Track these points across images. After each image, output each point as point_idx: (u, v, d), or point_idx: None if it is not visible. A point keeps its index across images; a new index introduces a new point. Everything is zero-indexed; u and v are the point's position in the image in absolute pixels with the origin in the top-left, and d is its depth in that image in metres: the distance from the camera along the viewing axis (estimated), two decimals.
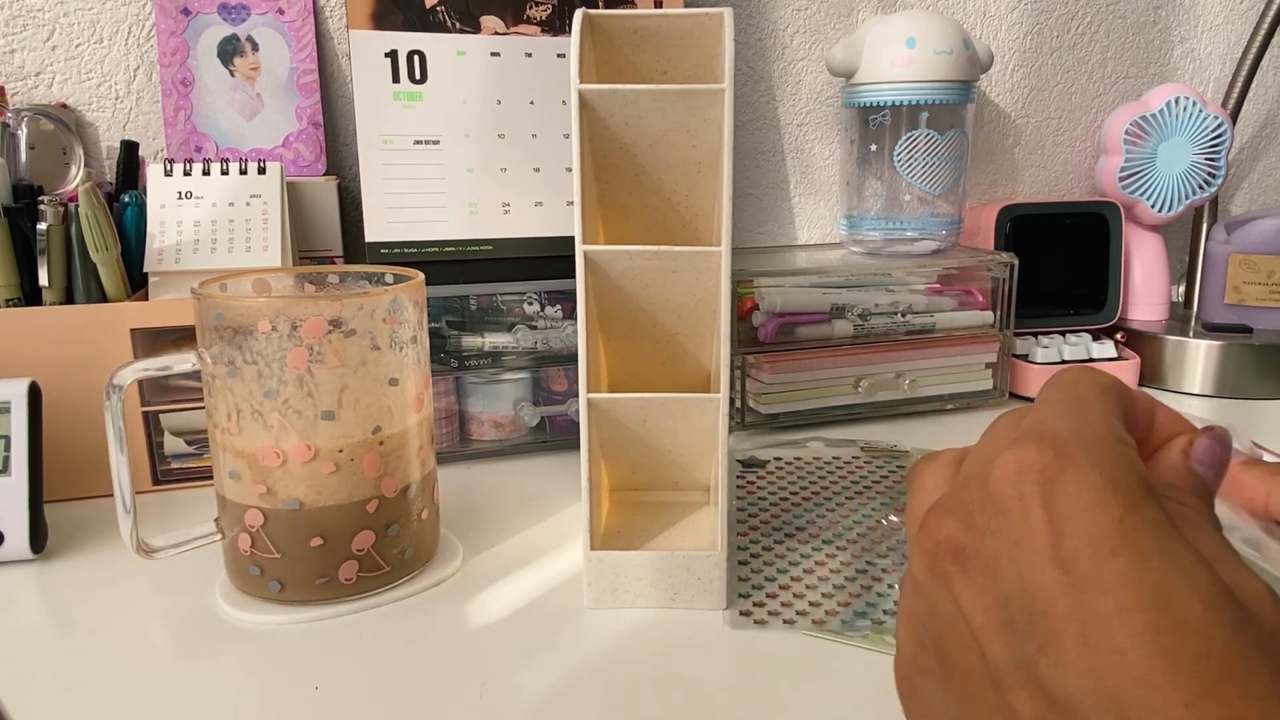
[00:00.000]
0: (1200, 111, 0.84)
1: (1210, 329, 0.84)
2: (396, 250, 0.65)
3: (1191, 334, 0.83)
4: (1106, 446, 0.22)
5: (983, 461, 0.23)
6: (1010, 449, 0.22)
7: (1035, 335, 0.83)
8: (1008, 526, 0.21)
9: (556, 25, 0.68)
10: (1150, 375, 0.84)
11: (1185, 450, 0.25)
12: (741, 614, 0.46)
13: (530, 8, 0.68)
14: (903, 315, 0.76)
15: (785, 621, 0.45)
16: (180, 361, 0.45)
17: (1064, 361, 0.80)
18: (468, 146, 0.66)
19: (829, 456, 0.67)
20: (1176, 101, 0.84)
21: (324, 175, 0.74)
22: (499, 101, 0.67)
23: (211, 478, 0.51)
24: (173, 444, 0.62)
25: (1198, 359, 0.82)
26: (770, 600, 0.47)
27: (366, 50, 0.65)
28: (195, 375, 0.46)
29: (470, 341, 0.67)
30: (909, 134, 0.79)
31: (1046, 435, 0.22)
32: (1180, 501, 0.22)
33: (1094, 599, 0.19)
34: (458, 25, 0.67)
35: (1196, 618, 0.19)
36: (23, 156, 0.65)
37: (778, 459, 0.66)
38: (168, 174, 0.63)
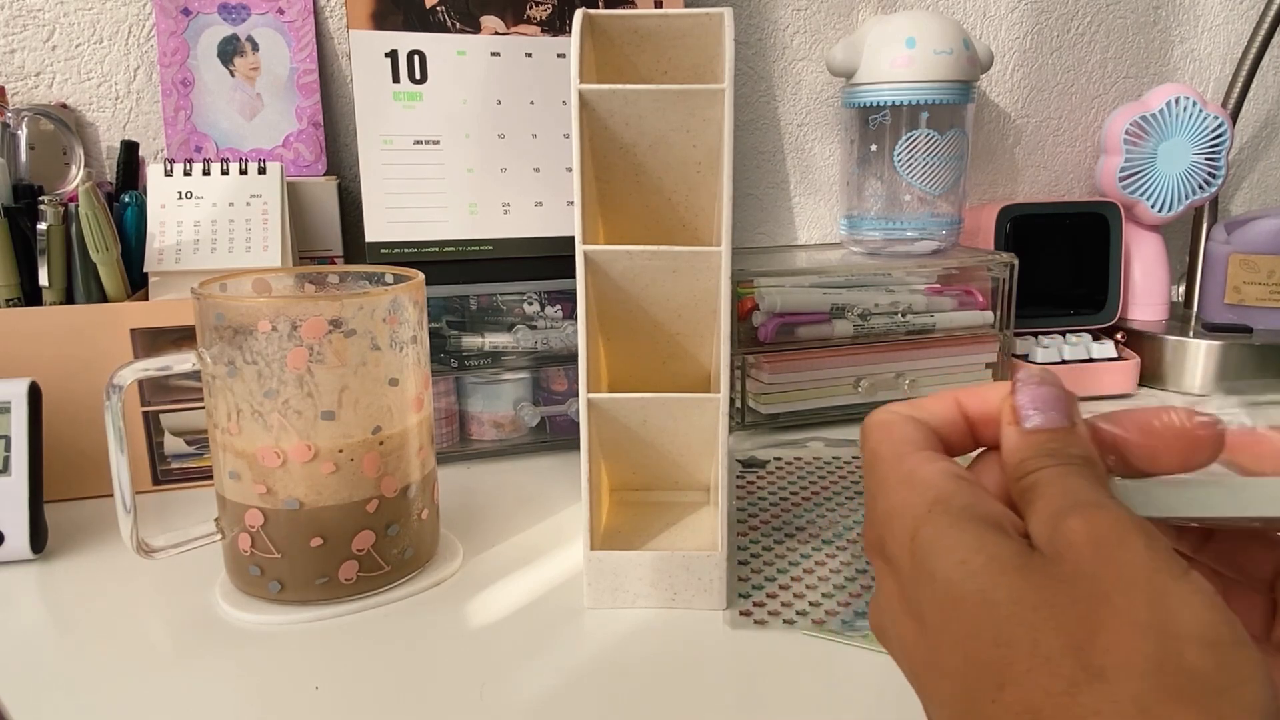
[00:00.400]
0: (1200, 111, 0.84)
1: (1210, 329, 0.84)
2: (396, 250, 0.65)
3: (1191, 334, 0.83)
4: (892, 485, 0.24)
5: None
6: (863, 531, 0.26)
7: (1035, 335, 0.83)
8: (883, 596, 0.24)
9: (556, 25, 0.68)
10: (1150, 375, 0.84)
11: (1011, 421, 0.24)
12: (741, 614, 0.46)
13: (530, 8, 0.68)
14: (903, 315, 0.76)
15: (785, 621, 0.45)
16: (180, 361, 0.45)
17: (1064, 361, 0.80)
18: (468, 146, 0.66)
19: (829, 456, 0.67)
20: (1176, 101, 0.84)
21: (324, 175, 0.74)
22: (499, 101, 0.67)
23: (211, 478, 0.51)
24: (173, 444, 0.62)
25: (1198, 359, 0.82)
26: (770, 600, 0.47)
27: (366, 50, 0.65)
28: (195, 375, 0.46)
29: (470, 341, 0.67)
30: (909, 134, 0.79)
31: (870, 515, 0.25)
32: (1031, 473, 0.23)
33: (930, 637, 0.22)
34: (458, 25, 0.67)
35: (975, 610, 0.20)
36: (23, 156, 0.65)
37: (778, 459, 0.66)
38: (168, 174, 0.63)
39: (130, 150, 0.65)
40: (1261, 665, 0.18)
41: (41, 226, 0.58)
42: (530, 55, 0.68)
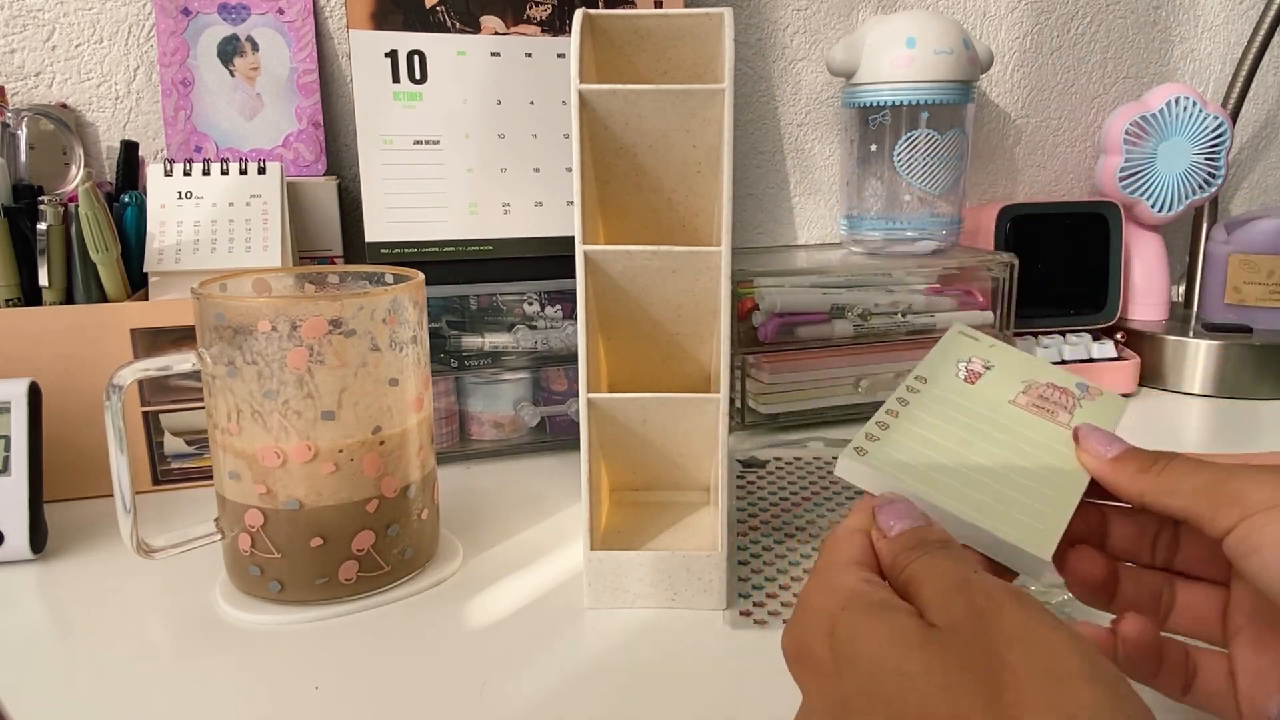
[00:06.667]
0: (1200, 111, 0.84)
1: (1210, 329, 0.84)
2: (396, 250, 0.65)
3: (1191, 334, 0.83)
4: (814, 594, 0.28)
5: None
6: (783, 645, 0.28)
7: (1035, 335, 0.83)
8: (804, 704, 0.27)
9: (556, 25, 0.68)
10: (1150, 375, 0.84)
11: (880, 536, 0.31)
12: (742, 614, 0.46)
13: (530, 8, 0.68)
14: (903, 315, 0.76)
15: (785, 621, 0.45)
16: (180, 361, 0.45)
17: (1064, 361, 0.80)
18: (468, 146, 0.66)
19: (829, 456, 0.67)
20: (1176, 101, 0.84)
21: (324, 175, 0.74)
22: (499, 101, 0.67)
23: (211, 478, 0.51)
24: (173, 444, 0.62)
25: (1198, 359, 0.82)
26: (770, 600, 0.47)
27: (366, 50, 0.65)
28: (195, 375, 0.46)
29: (470, 341, 0.67)
30: (909, 134, 0.79)
31: (790, 623, 0.28)
32: (910, 569, 0.27)
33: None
34: (458, 25, 0.67)
35: (894, 687, 0.23)
36: (23, 156, 0.65)
37: (778, 459, 0.66)
38: (168, 174, 0.63)
39: (130, 150, 0.65)
40: (1134, 691, 0.22)
41: (41, 226, 0.58)
42: (530, 55, 0.68)
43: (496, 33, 0.67)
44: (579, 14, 0.45)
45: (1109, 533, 0.35)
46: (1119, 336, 0.84)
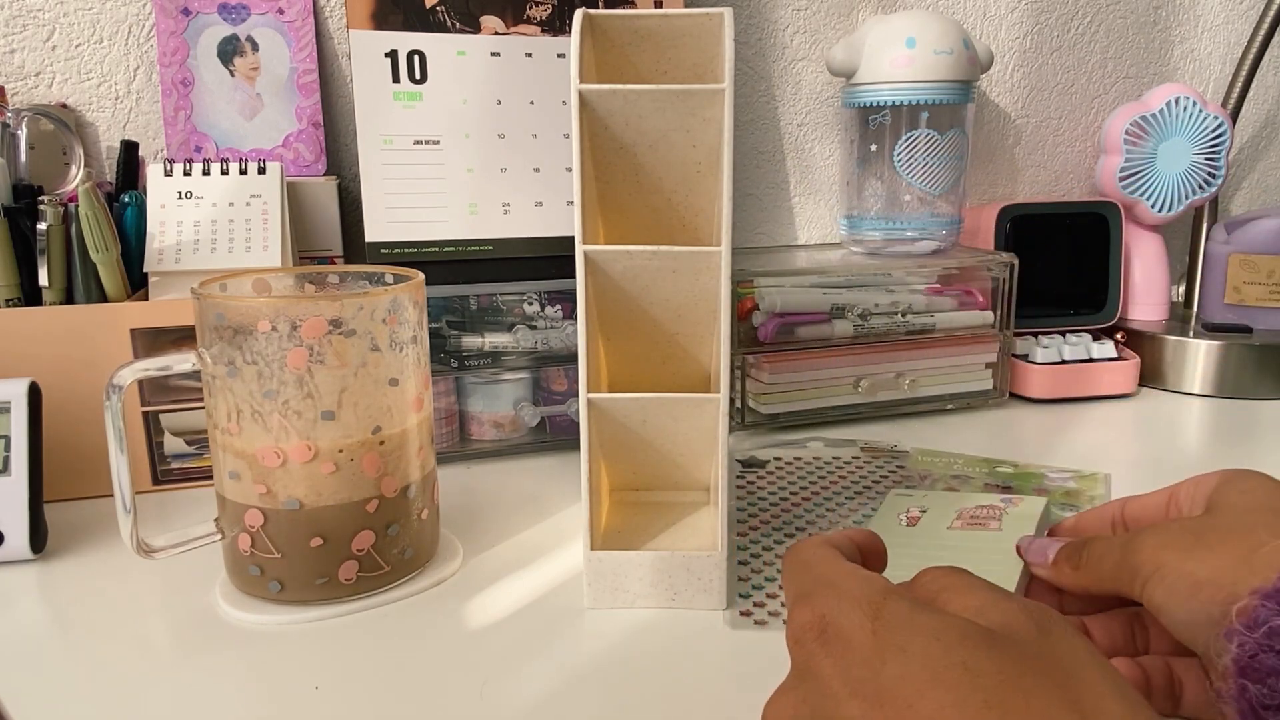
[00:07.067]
0: (1200, 111, 0.84)
1: (1210, 329, 0.84)
2: (396, 250, 0.65)
3: (1191, 334, 0.83)
4: (843, 577, 0.27)
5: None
6: (789, 622, 0.28)
7: (1035, 335, 0.83)
8: (812, 684, 0.26)
9: (556, 25, 0.69)
10: (1150, 375, 0.84)
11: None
12: (742, 614, 0.46)
13: (530, 8, 0.68)
14: (903, 315, 0.76)
15: (786, 621, 0.45)
16: (180, 361, 0.45)
17: (1064, 361, 0.80)
18: (468, 146, 0.67)
19: (829, 456, 0.67)
20: (1176, 101, 0.84)
21: (324, 175, 0.74)
22: (499, 101, 0.67)
23: (211, 478, 0.51)
24: (173, 444, 0.62)
25: (1198, 359, 0.82)
26: (770, 600, 0.47)
27: (366, 50, 0.65)
28: (195, 375, 0.46)
29: (470, 341, 0.67)
30: (909, 134, 0.79)
31: (804, 597, 0.27)
32: (940, 581, 0.27)
33: (890, 711, 0.23)
34: (458, 25, 0.67)
35: (959, 678, 0.23)
36: (23, 156, 0.65)
37: (777, 459, 0.66)
38: (168, 174, 0.63)
39: (130, 150, 0.65)
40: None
41: (41, 226, 0.58)
42: (530, 55, 0.68)
43: (496, 33, 0.67)
44: (579, 14, 0.45)
45: (1090, 632, 0.38)
46: (1119, 336, 0.84)
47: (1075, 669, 0.23)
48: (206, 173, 0.64)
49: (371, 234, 0.65)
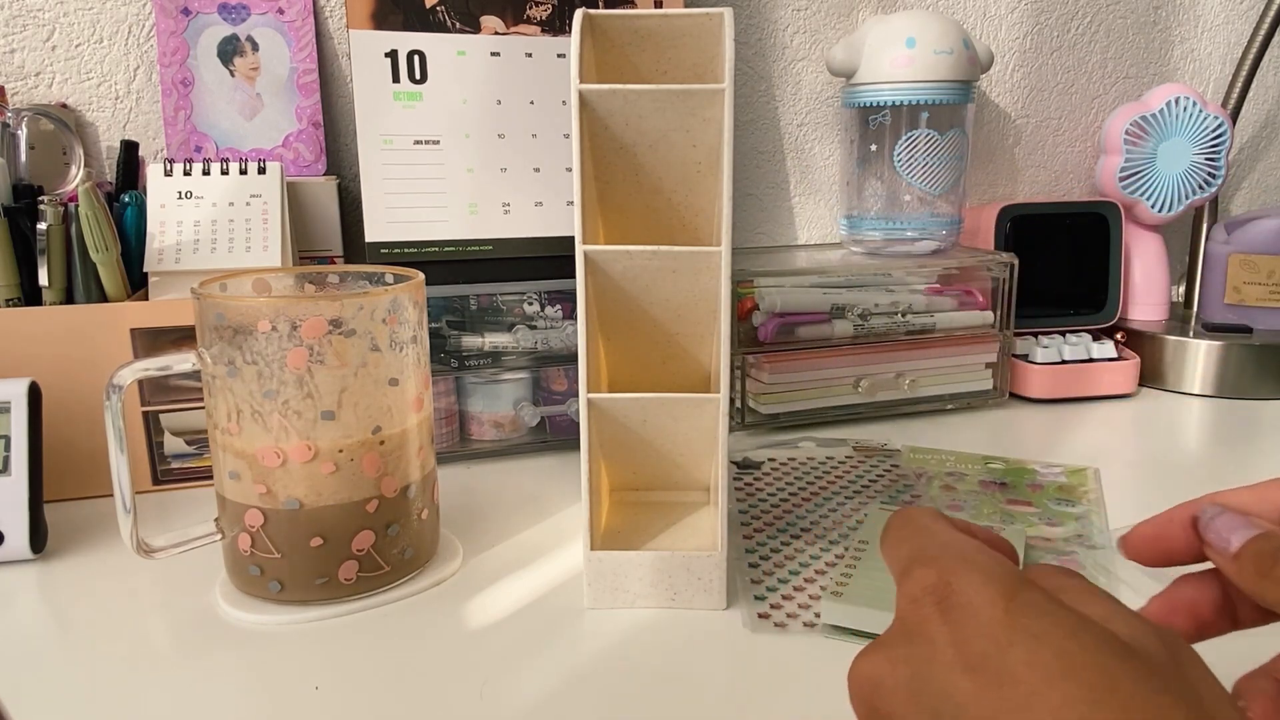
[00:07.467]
0: (1200, 111, 0.84)
1: (1210, 329, 0.84)
2: (396, 250, 0.65)
3: (1191, 334, 0.83)
4: (974, 551, 0.26)
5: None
6: (903, 580, 0.26)
7: (1035, 335, 0.83)
8: (920, 648, 0.24)
9: (556, 25, 0.69)
10: (1150, 375, 0.84)
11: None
12: (760, 616, 0.45)
13: (530, 8, 0.68)
14: (903, 315, 0.76)
15: (805, 624, 0.44)
16: (180, 361, 0.45)
17: (1064, 361, 0.80)
18: (468, 146, 0.67)
19: (823, 456, 0.67)
20: (1176, 101, 0.84)
21: (324, 175, 0.74)
22: (499, 101, 0.67)
23: (211, 478, 0.51)
24: (173, 444, 0.62)
25: (1198, 359, 0.82)
26: (786, 602, 0.46)
27: (366, 50, 0.65)
28: (195, 375, 0.46)
29: (470, 341, 0.67)
30: (909, 134, 0.79)
31: (928, 559, 0.25)
32: (1058, 580, 0.26)
33: (1008, 692, 0.22)
34: (458, 25, 0.67)
35: (1097, 679, 0.21)
36: (23, 156, 0.65)
37: (772, 460, 0.66)
38: (168, 174, 0.63)
39: (130, 150, 0.65)
40: None
41: (41, 226, 0.58)
42: (530, 55, 0.68)
43: (496, 33, 0.67)
44: (579, 14, 0.45)
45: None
46: (1119, 336, 0.84)
47: (1210, 700, 0.22)
48: (206, 173, 0.64)
49: (371, 234, 0.65)
